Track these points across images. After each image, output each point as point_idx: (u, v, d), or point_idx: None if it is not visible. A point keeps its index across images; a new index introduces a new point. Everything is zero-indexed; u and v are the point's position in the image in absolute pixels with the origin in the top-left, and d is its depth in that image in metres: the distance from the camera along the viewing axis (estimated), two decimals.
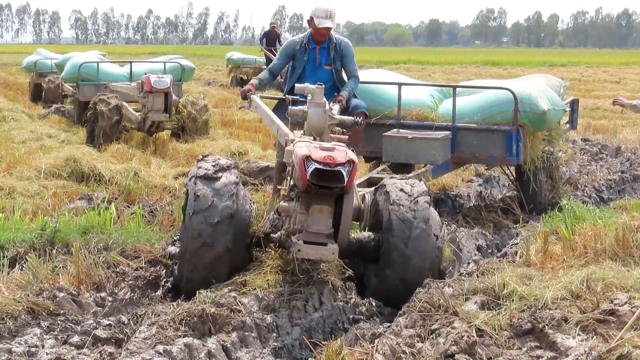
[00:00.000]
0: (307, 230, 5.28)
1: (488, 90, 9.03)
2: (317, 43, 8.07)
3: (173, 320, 4.87)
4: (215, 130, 14.77)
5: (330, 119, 6.11)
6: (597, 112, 20.53)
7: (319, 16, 7.89)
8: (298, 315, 5.32)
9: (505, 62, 58.91)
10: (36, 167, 9.96)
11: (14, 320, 5.09)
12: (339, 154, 5.11)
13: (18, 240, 6.67)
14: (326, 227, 5.26)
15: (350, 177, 5.06)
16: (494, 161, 8.89)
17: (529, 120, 8.62)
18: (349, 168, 5.03)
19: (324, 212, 5.25)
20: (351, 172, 5.05)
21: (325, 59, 8.01)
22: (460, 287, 5.46)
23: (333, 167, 5.02)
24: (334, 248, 5.22)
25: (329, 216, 5.26)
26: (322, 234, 5.25)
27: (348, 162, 5.04)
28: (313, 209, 5.26)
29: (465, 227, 8.21)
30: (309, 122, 6.09)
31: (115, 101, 13.04)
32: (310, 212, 5.26)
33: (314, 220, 5.27)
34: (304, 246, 5.21)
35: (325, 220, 5.26)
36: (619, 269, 5.52)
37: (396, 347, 4.42)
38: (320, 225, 5.26)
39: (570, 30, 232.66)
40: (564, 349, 4.38)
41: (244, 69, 29.23)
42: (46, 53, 24.15)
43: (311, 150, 5.16)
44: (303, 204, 5.28)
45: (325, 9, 7.90)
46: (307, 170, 5.04)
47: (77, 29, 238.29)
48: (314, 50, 8.07)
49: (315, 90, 6.13)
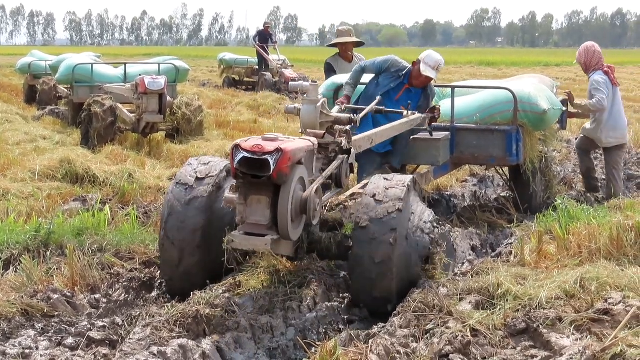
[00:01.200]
0: (247, 222, 5.17)
1: (486, 90, 9.01)
2: (410, 84, 8.05)
3: (167, 321, 4.86)
4: (210, 132, 14.77)
5: (325, 116, 6.07)
6: None
7: (427, 64, 7.87)
8: (292, 316, 5.32)
9: (500, 62, 58.97)
10: (30, 169, 9.94)
11: (8, 322, 5.08)
12: (269, 144, 5.00)
13: (12, 242, 6.65)
14: (264, 218, 5.11)
15: (278, 165, 4.91)
16: (494, 161, 8.85)
17: (529, 120, 8.60)
18: (277, 157, 4.90)
19: (262, 202, 5.11)
20: (279, 160, 4.91)
21: (406, 100, 7.84)
22: (455, 287, 5.46)
23: (260, 155, 4.93)
24: (267, 239, 5.07)
25: (267, 207, 5.11)
26: (261, 225, 5.12)
27: (276, 151, 4.92)
28: (251, 199, 5.14)
29: (459, 227, 8.21)
30: (301, 119, 6.05)
31: (109, 103, 13.05)
32: (249, 203, 5.15)
33: (252, 211, 5.14)
34: (237, 236, 5.13)
35: (263, 211, 5.11)
36: (613, 268, 5.53)
37: (390, 347, 4.42)
38: (258, 217, 5.13)
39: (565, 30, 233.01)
40: (559, 348, 4.39)
41: (237, 70, 29.23)
42: (40, 55, 24.14)
43: (247, 140, 5.11)
44: (242, 195, 5.16)
45: (437, 59, 7.92)
46: (235, 158, 4.98)
47: (71, 31, 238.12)
48: (402, 85, 8.04)
49: (310, 87, 6.10)
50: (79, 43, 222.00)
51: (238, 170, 4.99)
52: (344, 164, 5.94)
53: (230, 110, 19.46)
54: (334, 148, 5.99)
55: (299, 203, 5.23)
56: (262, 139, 5.11)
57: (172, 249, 5.69)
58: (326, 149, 5.96)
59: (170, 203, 5.74)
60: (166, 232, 5.70)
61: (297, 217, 5.29)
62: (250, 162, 4.97)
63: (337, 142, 5.98)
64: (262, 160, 4.93)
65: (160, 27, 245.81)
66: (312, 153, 5.62)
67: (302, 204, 5.24)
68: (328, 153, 5.97)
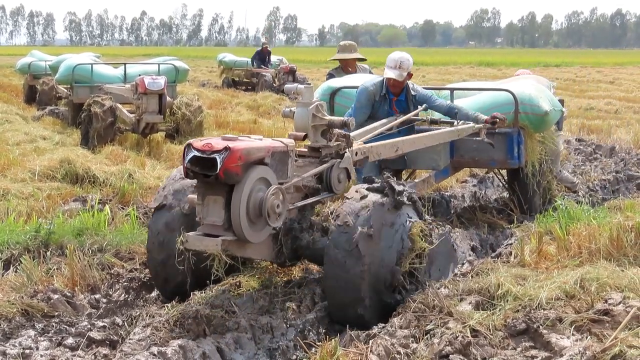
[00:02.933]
0: (204, 222, 5.12)
1: (486, 92, 8.91)
2: (394, 94, 7.93)
3: (167, 321, 4.87)
4: (210, 132, 14.76)
5: (319, 119, 5.97)
6: (591, 112, 20.56)
7: (388, 66, 7.78)
8: (292, 316, 5.32)
9: (500, 63, 59.01)
10: (30, 169, 9.95)
11: (8, 322, 5.08)
12: (220, 143, 4.94)
13: (12, 242, 6.66)
14: (219, 218, 5.04)
15: (225, 164, 4.83)
16: (495, 165, 8.74)
17: (530, 121, 8.47)
18: (224, 155, 4.83)
19: (217, 203, 5.04)
20: (226, 159, 4.83)
21: (402, 111, 7.81)
22: (455, 287, 5.46)
23: (208, 154, 4.88)
24: (218, 240, 4.98)
25: (222, 207, 5.03)
26: (217, 226, 5.05)
27: (224, 150, 4.85)
28: (207, 199, 5.08)
29: (459, 227, 8.21)
30: (295, 122, 5.94)
31: (109, 103, 13.05)
32: (205, 203, 5.09)
33: (209, 212, 5.08)
34: (190, 237, 5.07)
35: (219, 211, 5.04)
36: (613, 268, 5.52)
37: (391, 347, 4.42)
38: (214, 217, 5.06)
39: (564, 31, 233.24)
40: (559, 349, 4.39)
41: (236, 71, 29.36)
42: (40, 55, 24.17)
43: (202, 140, 5.08)
44: (200, 195, 5.11)
45: (394, 58, 7.77)
46: (186, 157, 4.95)
47: (71, 31, 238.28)
48: (391, 101, 7.93)
49: (304, 90, 5.97)
50: (79, 43, 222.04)
51: (189, 169, 4.96)
52: (335, 168, 5.77)
53: (230, 111, 19.48)
54: (329, 152, 5.87)
55: (257, 204, 5.09)
56: (221, 138, 5.07)
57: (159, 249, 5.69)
58: (319, 152, 5.86)
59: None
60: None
61: (257, 218, 5.12)
62: (201, 161, 4.93)
63: (329, 146, 5.86)
64: (210, 159, 4.89)
65: (160, 27, 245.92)
66: (285, 154, 5.44)
67: (258, 205, 5.10)
68: (321, 157, 5.85)
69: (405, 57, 7.81)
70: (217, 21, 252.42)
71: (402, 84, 7.89)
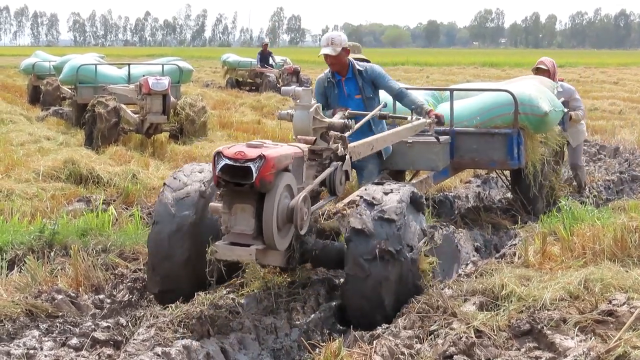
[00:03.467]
0: (232, 231, 5.02)
1: (486, 92, 8.87)
2: (341, 74, 7.84)
3: (171, 322, 4.87)
4: (214, 132, 14.79)
5: (318, 122, 5.93)
6: (595, 112, 20.53)
7: (322, 44, 7.73)
8: (296, 317, 5.32)
9: (504, 63, 58.97)
10: (34, 170, 9.96)
11: (12, 322, 5.09)
12: (252, 150, 4.87)
13: (16, 242, 6.66)
14: (249, 227, 4.96)
15: (261, 173, 4.76)
16: (495, 165, 8.70)
17: (530, 122, 8.45)
18: (259, 164, 4.76)
19: (246, 211, 4.96)
20: (261, 168, 4.77)
21: (354, 89, 7.76)
22: (459, 288, 5.45)
23: (242, 162, 4.79)
24: (251, 249, 4.92)
25: (251, 216, 4.95)
26: (246, 234, 4.96)
27: (259, 158, 4.77)
28: (235, 208, 4.99)
29: (463, 228, 8.20)
30: (294, 125, 5.90)
31: (113, 103, 13.06)
32: (233, 212, 4.99)
33: (237, 221, 4.99)
34: (221, 246, 4.99)
35: (248, 220, 4.96)
36: (617, 269, 5.51)
37: (395, 348, 4.42)
38: (243, 226, 4.97)
39: (569, 31, 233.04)
40: (563, 349, 4.38)
41: (240, 72, 29.41)
42: (44, 55, 24.20)
43: (230, 147, 4.98)
44: (226, 204, 5.01)
45: (326, 36, 7.72)
46: (217, 166, 4.86)
47: (75, 31, 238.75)
48: (340, 82, 7.83)
49: (302, 93, 5.94)
50: (83, 44, 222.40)
51: (220, 178, 4.87)
52: (338, 171, 5.73)
53: (234, 111, 19.49)
54: (329, 155, 5.81)
55: (286, 212, 5.05)
56: (246, 145, 4.99)
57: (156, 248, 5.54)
58: (320, 155, 5.79)
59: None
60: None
61: (284, 226, 5.10)
62: (233, 170, 4.84)
63: (331, 149, 5.81)
64: (244, 167, 4.80)
65: (164, 27, 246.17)
66: (302, 160, 5.46)
67: (289, 212, 5.06)
68: (322, 160, 5.79)
69: (336, 34, 7.73)
70: (220, 22, 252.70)
71: (341, 61, 7.73)
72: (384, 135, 7.10)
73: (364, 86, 7.77)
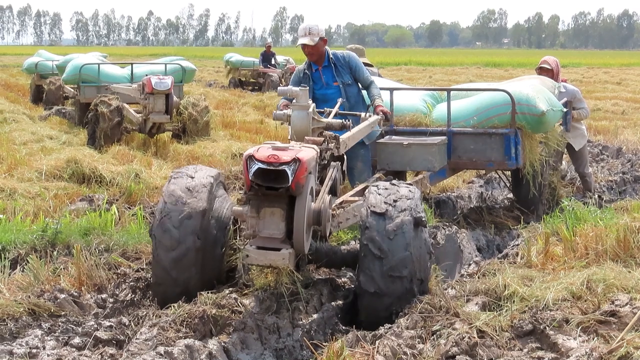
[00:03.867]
0: (260, 235, 4.98)
1: (483, 92, 8.81)
2: (318, 64, 7.86)
3: (174, 321, 4.87)
4: (216, 132, 14.80)
5: (316, 122, 5.89)
6: (598, 113, 20.51)
7: (298, 35, 7.75)
8: (299, 317, 5.32)
9: (506, 64, 58.98)
10: (37, 169, 9.97)
11: (15, 321, 5.09)
12: (284, 153, 4.82)
13: (19, 241, 6.67)
14: (278, 231, 4.91)
15: (296, 176, 4.75)
16: (492, 166, 8.61)
17: (527, 122, 8.35)
18: (294, 167, 4.73)
19: (275, 215, 4.92)
20: (297, 171, 4.75)
21: (331, 77, 7.78)
22: (462, 288, 5.46)
23: (277, 166, 4.74)
24: (284, 253, 4.86)
25: (281, 220, 4.92)
26: (275, 238, 4.92)
27: (293, 161, 4.74)
28: (264, 212, 4.95)
29: (466, 228, 8.19)
30: (292, 126, 5.88)
31: (116, 103, 13.07)
32: (262, 216, 4.95)
33: (266, 225, 4.94)
34: (252, 251, 4.93)
35: (277, 224, 4.92)
36: (620, 270, 5.52)
37: (397, 348, 4.42)
38: (272, 230, 4.94)
39: (571, 32, 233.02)
40: (565, 350, 4.38)
41: (242, 72, 29.47)
42: (47, 55, 24.21)
43: (258, 149, 4.92)
44: (254, 207, 4.97)
45: (303, 27, 7.73)
46: (249, 170, 4.80)
47: (78, 31, 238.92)
48: (317, 71, 7.85)
49: (300, 92, 5.92)
50: (86, 43, 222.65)
51: (253, 182, 4.81)
52: (339, 171, 5.76)
53: (237, 111, 19.50)
54: (325, 155, 5.82)
55: (311, 215, 5.05)
56: (273, 148, 4.93)
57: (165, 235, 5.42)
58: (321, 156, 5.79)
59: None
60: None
61: (309, 229, 5.11)
62: (265, 173, 4.79)
63: (330, 149, 5.81)
64: (278, 171, 4.76)
65: (167, 27, 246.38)
66: (317, 162, 5.45)
67: (315, 215, 5.06)
68: (321, 160, 5.78)
69: (313, 23, 7.73)
70: (223, 21, 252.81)
71: (319, 50, 7.75)
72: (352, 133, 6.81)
73: (342, 73, 7.79)
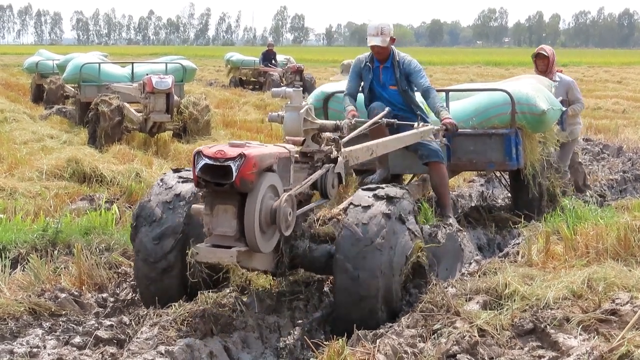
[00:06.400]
0: (214, 233, 4.91)
1: (482, 92, 8.72)
2: (380, 62, 7.77)
3: (175, 320, 4.87)
4: (217, 131, 14.79)
5: (310, 123, 5.85)
6: (598, 112, 20.51)
7: (369, 34, 7.63)
8: (299, 316, 5.32)
9: (507, 62, 58.94)
10: (38, 168, 9.97)
11: (15, 321, 5.09)
12: (233, 150, 4.75)
13: (20, 241, 6.67)
14: (231, 228, 4.82)
15: (241, 172, 4.65)
16: (493, 167, 8.52)
17: (528, 121, 8.26)
18: (239, 163, 4.65)
19: (228, 212, 4.84)
20: (241, 166, 4.66)
21: (390, 79, 7.70)
22: (463, 287, 5.46)
23: (222, 161, 4.67)
24: (232, 251, 4.79)
25: (233, 217, 4.84)
26: (228, 236, 4.85)
27: (239, 157, 4.67)
28: (217, 209, 4.88)
29: (467, 227, 8.18)
30: (284, 127, 5.79)
31: (116, 102, 13.07)
32: (215, 213, 4.88)
33: (219, 222, 4.87)
34: (202, 249, 4.87)
35: (230, 221, 4.84)
36: (620, 268, 5.52)
37: (398, 347, 4.42)
38: (225, 227, 4.86)
39: (572, 30, 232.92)
40: (566, 348, 4.39)
41: (243, 71, 29.50)
42: (48, 54, 24.22)
43: (211, 146, 4.87)
44: (208, 205, 4.90)
45: (375, 25, 7.63)
46: (196, 165, 4.74)
47: (78, 30, 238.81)
48: (377, 68, 7.76)
49: (293, 94, 5.82)
50: (86, 42, 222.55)
51: (200, 177, 4.77)
52: (330, 173, 5.64)
53: (237, 110, 19.49)
54: (320, 157, 5.73)
55: (269, 213, 4.95)
56: (228, 144, 4.88)
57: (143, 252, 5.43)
58: (311, 157, 5.72)
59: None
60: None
61: (268, 227, 4.99)
62: (213, 169, 4.74)
63: (322, 151, 5.73)
64: (224, 166, 4.70)
65: (167, 26, 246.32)
66: (288, 161, 5.32)
67: (272, 213, 4.95)
68: (314, 162, 5.70)
69: (385, 22, 7.66)
70: (224, 20, 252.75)
71: (387, 51, 7.70)
72: (385, 140, 6.92)
73: (400, 78, 7.71)
